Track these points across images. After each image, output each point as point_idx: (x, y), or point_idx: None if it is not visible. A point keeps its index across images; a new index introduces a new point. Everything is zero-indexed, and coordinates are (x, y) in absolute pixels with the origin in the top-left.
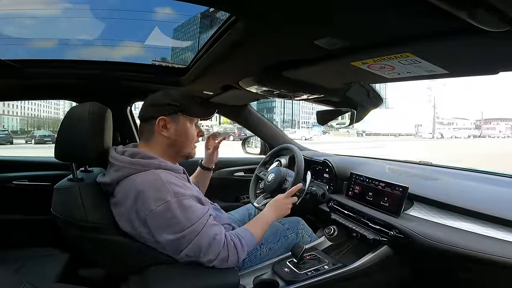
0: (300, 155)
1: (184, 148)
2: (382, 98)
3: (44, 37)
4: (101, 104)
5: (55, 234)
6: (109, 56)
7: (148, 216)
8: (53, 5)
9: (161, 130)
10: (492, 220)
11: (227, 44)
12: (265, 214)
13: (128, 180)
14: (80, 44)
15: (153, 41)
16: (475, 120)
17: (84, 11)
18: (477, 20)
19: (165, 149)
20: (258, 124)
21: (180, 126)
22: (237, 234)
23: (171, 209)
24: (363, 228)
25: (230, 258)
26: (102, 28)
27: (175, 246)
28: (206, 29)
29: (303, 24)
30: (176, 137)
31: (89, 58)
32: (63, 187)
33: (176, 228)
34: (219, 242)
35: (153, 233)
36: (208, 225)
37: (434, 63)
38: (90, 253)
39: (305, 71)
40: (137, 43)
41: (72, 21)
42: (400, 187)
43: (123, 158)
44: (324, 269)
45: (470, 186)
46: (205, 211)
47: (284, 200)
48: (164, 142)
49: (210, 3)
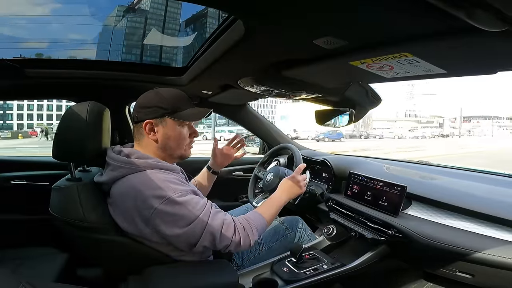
0: (299, 154)
1: (175, 151)
2: (380, 97)
3: (44, 37)
4: (99, 103)
5: (54, 233)
6: (108, 56)
7: (152, 215)
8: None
9: (148, 133)
10: (490, 219)
11: (226, 44)
12: (275, 195)
13: (125, 180)
14: (80, 44)
15: (151, 40)
16: (452, 118)
17: (84, 11)
18: (476, 20)
19: (156, 152)
20: (257, 123)
21: (168, 129)
22: (245, 217)
23: (174, 205)
24: (362, 228)
25: (243, 240)
26: (101, 28)
27: (185, 239)
28: (202, 27)
29: (302, 23)
30: (165, 140)
31: (88, 58)
32: (61, 187)
33: (182, 222)
34: (230, 227)
35: (160, 231)
36: (213, 213)
37: (433, 63)
38: (89, 253)
39: (304, 71)
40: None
41: (73, 21)
42: (398, 186)
43: (120, 158)
44: (323, 269)
45: (468, 186)
46: (206, 201)
47: (294, 178)
48: (154, 145)
49: (210, 3)
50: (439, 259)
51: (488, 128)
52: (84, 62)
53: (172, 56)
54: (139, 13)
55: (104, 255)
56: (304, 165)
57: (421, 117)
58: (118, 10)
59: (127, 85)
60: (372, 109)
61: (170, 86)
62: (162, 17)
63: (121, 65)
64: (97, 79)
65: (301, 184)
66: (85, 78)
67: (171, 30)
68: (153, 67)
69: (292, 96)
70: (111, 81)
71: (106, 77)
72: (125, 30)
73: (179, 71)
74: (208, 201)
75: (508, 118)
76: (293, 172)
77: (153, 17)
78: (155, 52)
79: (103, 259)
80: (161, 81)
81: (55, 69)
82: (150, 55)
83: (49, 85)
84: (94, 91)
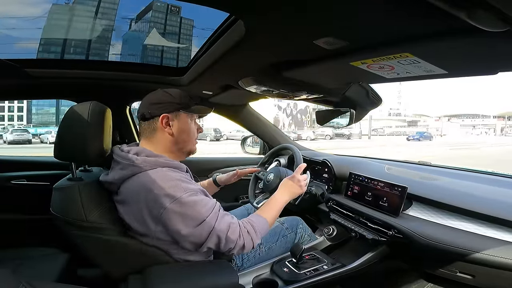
0: (299, 154)
1: (186, 145)
2: (381, 98)
3: (44, 36)
4: (101, 103)
5: (54, 233)
6: (109, 55)
7: (163, 214)
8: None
9: (164, 127)
10: (491, 220)
11: (226, 44)
12: (276, 196)
13: (136, 178)
14: (80, 43)
15: (153, 40)
16: (437, 117)
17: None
18: (477, 20)
19: (168, 146)
20: (258, 124)
21: (182, 123)
22: (248, 220)
23: (184, 204)
24: (362, 228)
25: (246, 244)
26: (102, 28)
27: (192, 240)
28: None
29: (303, 24)
30: (178, 134)
31: (89, 58)
32: (63, 187)
33: (191, 222)
34: (235, 230)
35: (169, 230)
36: (221, 216)
37: (433, 63)
38: (89, 253)
39: (304, 71)
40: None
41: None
42: (399, 187)
43: (129, 156)
44: (323, 269)
45: (469, 186)
46: (214, 203)
47: (294, 179)
48: (168, 139)
49: (210, 3)
50: (439, 260)
51: (447, 127)
52: (84, 62)
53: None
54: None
55: (105, 255)
56: (305, 165)
57: (406, 115)
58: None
59: (127, 85)
60: (373, 109)
61: (171, 86)
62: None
63: (121, 65)
64: (98, 79)
65: (302, 184)
66: (85, 78)
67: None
68: (153, 67)
69: (293, 96)
70: (111, 81)
71: (107, 77)
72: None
73: (180, 71)
74: (217, 203)
75: (495, 117)
76: (294, 173)
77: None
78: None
79: (103, 259)
80: (162, 81)
81: (55, 69)
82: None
83: (50, 85)
84: (95, 91)
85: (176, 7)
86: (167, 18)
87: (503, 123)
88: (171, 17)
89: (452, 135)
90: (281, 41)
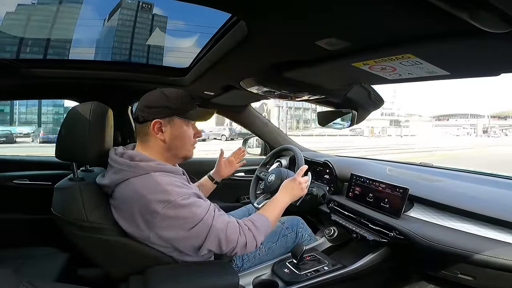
0: (300, 155)
1: (181, 151)
2: (382, 99)
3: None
4: (103, 104)
5: (55, 233)
6: (110, 56)
7: (156, 219)
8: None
9: (156, 133)
10: (492, 221)
11: (228, 45)
12: (277, 197)
13: (128, 183)
14: (80, 43)
15: (154, 41)
16: (430, 117)
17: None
18: (479, 21)
19: (161, 152)
20: (259, 124)
21: (175, 129)
22: (248, 218)
23: (177, 208)
24: (363, 229)
25: (248, 241)
26: (103, 28)
27: (190, 242)
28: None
29: (305, 24)
30: (172, 140)
31: (89, 58)
32: (64, 187)
33: (186, 225)
34: (235, 229)
35: (163, 236)
36: (217, 216)
37: (436, 64)
38: (90, 253)
39: (306, 72)
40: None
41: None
42: (400, 188)
43: (122, 161)
44: (324, 270)
45: (471, 188)
46: (209, 204)
47: (296, 180)
48: (160, 145)
49: (212, 3)
50: (440, 261)
51: (419, 126)
52: (85, 62)
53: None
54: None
55: (105, 255)
56: (306, 167)
57: (399, 115)
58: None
59: (129, 85)
60: (374, 110)
61: (172, 86)
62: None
63: (123, 66)
64: (99, 79)
65: (303, 186)
66: (87, 78)
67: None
68: (155, 68)
69: (295, 97)
70: (113, 82)
71: (108, 77)
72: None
73: (182, 72)
74: (212, 204)
75: (492, 117)
76: (295, 174)
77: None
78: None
79: (104, 259)
80: (164, 82)
81: (56, 69)
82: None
83: (50, 85)
84: (96, 91)
85: (149, 4)
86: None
87: (486, 123)
88: (141, 13)
89: (422, 136)
90: (283, 41)
